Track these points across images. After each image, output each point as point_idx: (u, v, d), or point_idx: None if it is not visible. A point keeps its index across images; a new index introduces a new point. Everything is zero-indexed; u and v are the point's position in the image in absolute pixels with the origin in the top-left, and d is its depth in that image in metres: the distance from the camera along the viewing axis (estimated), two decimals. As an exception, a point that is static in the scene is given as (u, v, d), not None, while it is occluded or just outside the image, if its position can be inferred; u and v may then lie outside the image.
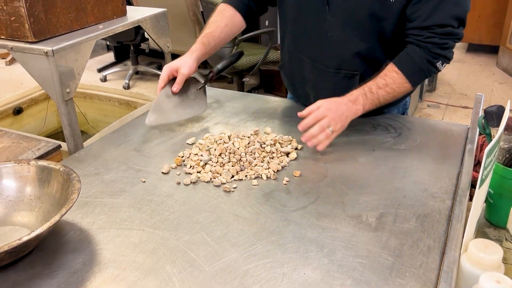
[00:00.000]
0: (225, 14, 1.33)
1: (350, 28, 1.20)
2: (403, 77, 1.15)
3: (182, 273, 0.78)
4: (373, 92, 1.15)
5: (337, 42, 1.23)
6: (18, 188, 0.93)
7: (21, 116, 2.39)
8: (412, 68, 1.16)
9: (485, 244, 0.67)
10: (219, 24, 1.31)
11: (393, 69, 1.16)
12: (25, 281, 0.77)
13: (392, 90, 1.16)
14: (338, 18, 1.19)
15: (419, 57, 1.15)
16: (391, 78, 1.16)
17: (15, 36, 1.50)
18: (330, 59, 1.26)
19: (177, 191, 1.00)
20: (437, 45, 1.14)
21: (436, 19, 1.12)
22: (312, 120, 1.08)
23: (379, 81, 1.16)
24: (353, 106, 1.13)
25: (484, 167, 0.67)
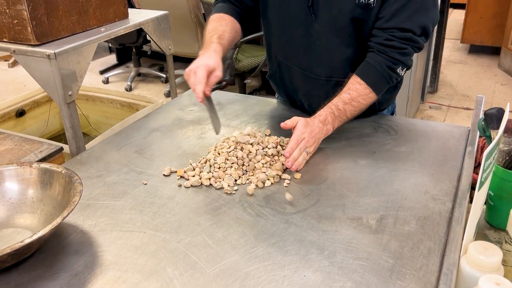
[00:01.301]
0: (226, 20, 1.29)
1: (336, 35, 1.20)
2: (367, 87, 1.16)
3: (183, 275, 0.78)
4: (340, 109, 1.16)
5: (326, 50, 1.23)
6: (21, 191, 0.94)
7: (24, 118, 2.40)
8: (374, 76, 1.16)
9: (485, 246, 0.67)
10: (225, 29, 1.26)
11: (356, 80, 1.17)
12: (27, 283, 0.78)
13: (358, 103, 1.16)
14: (325, 26, 1.19)
15: (379, 65, 1.15)
16: (355, 90, 1.16)
17: (17, 39, 1.51)
18: (320, 67, 1.26)
19: (178, 194, 1.01)
20: (396, 50, 1.14)
21: (397, 22, 1.12)
22: (295, 144, 1.08)
23: (345, 96, 1.16)
24: (323, 127, 1.14)
25: (483, 169, 0.68)
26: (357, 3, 1.13)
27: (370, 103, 1.19)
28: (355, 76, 1.18)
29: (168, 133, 1.28)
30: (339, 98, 1.17)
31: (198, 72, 1.08)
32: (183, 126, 1.31)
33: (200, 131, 1.28)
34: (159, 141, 1.23)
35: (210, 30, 1.25)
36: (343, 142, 1.20)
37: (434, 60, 3.65)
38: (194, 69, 1.10)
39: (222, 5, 1.33)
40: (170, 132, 1.28)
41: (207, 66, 1.10)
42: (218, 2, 1.36)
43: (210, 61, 1.11)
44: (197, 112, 1.40)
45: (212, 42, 1.19)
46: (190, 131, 1.28)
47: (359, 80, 1.17)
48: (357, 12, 1.14)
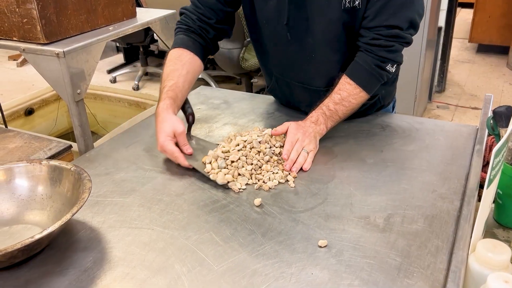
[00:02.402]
0: (183, 60, 1.20)
1: (330, 45, 1.20)
2: (357, 87, 1.15)
3: (191, 272, 0.79)
4: (331, 109, 1.16)
5: (322, 62, 1.23)
6: (30, 187, 0.94)
7: (33, 117, 2.42)
8: (363, 76, 1.16)
9: (494, 244, 0.67)
10: (181, 73, 1.17)
11: (346, 80, 1.17)
12: (37, 279, 0.79)
13: (349, 103, 1.16)
14: (318, 39, 1.19)
15: (368, 64, 1.15)
16: (345, 91, 1.16)
17: (27, 38, 1.53)
18: (319, 79, 1.26)
19: (186, 191, 1.01)
20: (383, 48, 1.13)
21: (382, 20, 1.11)
22: (290, 146, 1.08)
23: (335, 97, 1.16)
24: (316, 127, 1.14)
25: (492, 167, 0.68)
26: (343, 9, 1.12)
27: (361, 102, 1.18)
28: (345, 77, 1.17)
29: (176, 131, 1.28)
30: (330, 98, 1.17)
31: (167, 148, 1.06)
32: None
33: (207, 129, 1.29)
34: (167, 139, 1.24)
35: (165, 77, 1.18)
36: (350, 141, 1.20)
37: (441, 59, 3.63)
38: (160, 146, 1.07)
39: (182, 38, 1.23)
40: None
41: (170, 138, 1.07)
42: (179, 31, 1.26)
43: (168, 129, 1.07)
44: (204, 110, 1.41)
45: (163, 99, 1.13)
46: (197, 129, 1.29)
47: (348, 81, 1.16)
48: (345, 18, 1.14)
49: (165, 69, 1.19)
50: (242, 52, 3.28)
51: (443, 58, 3.64)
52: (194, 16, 1.24)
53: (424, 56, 2.87)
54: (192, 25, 1.24)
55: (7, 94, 3.90)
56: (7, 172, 0.95)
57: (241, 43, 3.25)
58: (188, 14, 1.26)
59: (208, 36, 1.26)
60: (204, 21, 1.24)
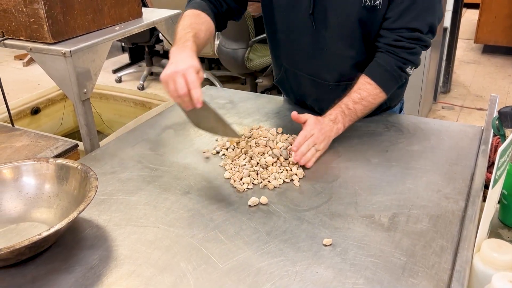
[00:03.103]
0: (202, 19, 1.18)
1: (344, 40, 1.20)
2: (377, 87, 1.16)
3: (196, 270, 0.79)
4: (351, 108, 1.16)
5: (334, 55, 1.23)
6: (37, 186, 0.95)
7: (39, 116, 2.43)
8: (384, 77, 1.16)
9: (498, 244, 0.67)
10: (201, 27, 1.14)
11: (366, 80, 1.17)
12: (44, 276, 0.79)
13: (368, 102, 1.17)
14: (332, 32, 1.19)
15: (389, 65, 1.15)
16: (365, 90, 1.16)
17: (34, 37, 1.53)
18: (329, 73, 1.26)
19: (191, 190, 1.02)
20: (405, 50, 1.14)
21: (404, 22, 1.12)
22: (303, 139, 1.08)
23: (355, 96, 1.16)
24: (334, 126, 1.14)
25: (497, 167, 0.68)
26: (363, 6, 1.13)
27: (380, 102, 1.19)
28: (364, 76, 1.18)
29: (181, 131, 1.29)
30: (349, 97, 1.17)
31: (189, 76, 0.94)
32: (196, 123, 1.32)
33: (212, 128, 1.29)
34: (172, 139, 1.25)
35: (186, 26, 1.12)
36: (355, 140, 1.20)
37: (447, 60, 3.62)
38: (180, 71, 0.95)
39: (199, 3, 1.22)
40: (183, 129, 1.29)
41: (195, 68, 0.97)
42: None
43: (194, 62, 0.98)
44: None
45: (187, 40, 1.06)
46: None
47: (369, 80, 1.17)
48: (363, 15, 1.14)
49: (182, 22, 1.14)
50: (247, 52, 3.29)
51: (449, 59, 3.63)
52: None
53: (429, 57, 2.86)
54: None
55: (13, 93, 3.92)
56: (15, 170, 0.96)
57: (246, 43, 3.25)
58: None
59: (221, 9, 1.25)
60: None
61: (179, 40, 1.07)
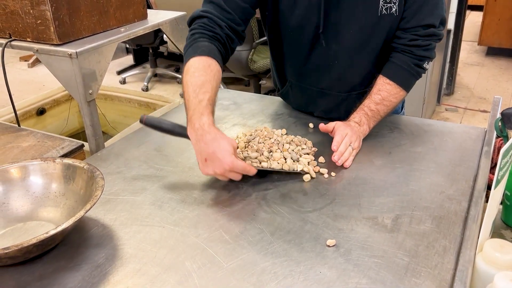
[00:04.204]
0: (213, 71, 1.08)
1: (358, 52, 1.20)
2: (397, 86, 1.18)
3: (201, 269, 0.80)
4: (373, 109, 1.17)
5: (345, 67, 1.23)
6: (44, 185, 0.96)
7: (44, 116, 2.45)
8: (403, 76, 1.18)
9: (501, 243, 0.68)
10: (213, 85, 1.05)
11: (385, 81, 1.18)
12: (51, 274, 0.80)
13: (390, 102, 1.18)
14: (344, 45, 1.19)
15: (406, 64, 1.17)
16: (385, 91, 1.17)
17: (40, 38, 1.55)
18: (341, 84, 1.26)
19: (196, 190, 1.03)
20: (421, 47, 1.16)
21: (419, 20, 1.14)
22: (340, 138, 1.10)
23: (376, 98, 1.18)
24: (360, 128, 1.16)
25: (500, 167, 0.68)
26: (379, 15, 1.14)
27: (401, 100, 1.21)
28: (383, 77, 1.19)
29: (186, 132, 1.29)
30: (370, 100, 1.18)
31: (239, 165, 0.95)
32: (200, 124, 1.33)
33: (217, 129, 1.30)
34: (177, 139, 1.25)
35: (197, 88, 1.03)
36: (359, 142, 1.20)
37: (450, 62, 3.62)
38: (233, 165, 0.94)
39: (209, 46, 1.10)
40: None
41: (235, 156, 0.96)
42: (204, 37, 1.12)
43: (229, 147, 0.95)
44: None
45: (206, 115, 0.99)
46: (207, 129, 1.30)
47: (388, 81, 1.18)
48: (379, 23, 1.15)
49: (195, 78, 1.05)
50: (251, 54, 3.30)
51: (452, 61, 3.63)
52: (223, 23, 1.13)
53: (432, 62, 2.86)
54: (219, 33, 1.13)
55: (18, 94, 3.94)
56: (22, 170, 0.97)
57: (250, 45, 3.26)
58: (214, 19, 1.13)
59: (231, 45, 1.18)
60: (233, 29, 1.15)
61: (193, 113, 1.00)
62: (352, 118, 1.17)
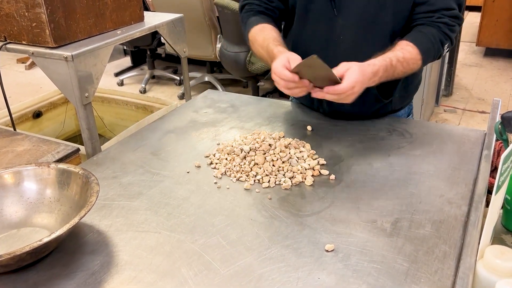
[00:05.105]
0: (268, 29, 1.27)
1: (362, 28, 1.20)
2: (418, 53, 1.15)
3: (197, 276, 0.79)
4: (393, 65, 1.12)
5: (350, 44, 1.23)
6: (39, 191, 0.95)
7: (40, 119, 2.44)
8: (426, 45, 1.16)
9: (502, 250, 0.66)
10: (274, 34, 1.24)
11: (409, 44, 1.15)
12: (45, 282, 0.79)
13: (407, 65, 1.14)
14: (349, 19, 1.20)
15: (433, 36, 1.16)
16: (408, 52, 1.14)
17: (36, 41, 1.54)
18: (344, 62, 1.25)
19: (193, 195, 1.01)
20: (447, 26, 1.17)
21: (442, 3, 1.16)
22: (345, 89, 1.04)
23: (398, 54, 1.13)
24: (372, 78, 1.09)
25: (500, 173, 0.67)
26: None
27: (414, 70, 1.18)
28: (406, 42, 1.15)
29: (183, 135, 1.29)
30: (393, 53, 1.13)
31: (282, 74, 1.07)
32: (197, 128, 1.32)
33: (214, 133, 1.29)
34: (174, 143, 1.25)
35: (262, 43, 1.23)
36: (357, 145, 1.20)
37: (449, 63, 3.62)
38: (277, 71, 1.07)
39: (255, 18, 1.32)
40: (184, 134, 1.29)
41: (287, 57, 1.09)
42: (249, 15, 1.34)
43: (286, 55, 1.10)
44: (212, 114, 1.41)
45: (273, 50, 1.17)
46: (204, 133, 1.29)
47: (412, 45, 1.15)
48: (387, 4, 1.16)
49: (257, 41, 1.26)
50: (249, 55, 3.29)
51: (451, 62, 3.63)
52: (256, 1, 1.34)
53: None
54: (258, 9, 1.34)
55: (15, 96, 3.93)
56: (16, 175, 0.96)
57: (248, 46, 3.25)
58: (250, 2, 1.36)
59: (274, 15, 1.34)
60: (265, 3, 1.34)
61: (269, 57, 1.19)
62: (371, 64, 1.09)
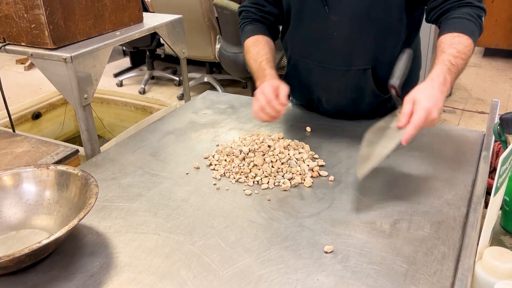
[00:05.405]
0: (262, 42, 1.31)
1: (355, 24, 1.20)
2: (468, 38, 1.09)
3: (197, 277, 0.79)
4: (454, 63, 1.06)
5: (344, 40, 1.23)
6: (38, 192, 0.95)
7: (40, 120, 2.44)
8: (469, 25, 1.11)
9: (500, 252, 0.67)
10: (266, 51, 1.28)
11: (453, 35, 1.10)
12: (44, 284, 0.79)
13: (465, 55, 1.08)
14: (342, 16, 1.20)
15: (468, 14, 1.11)
16: (459, 43, 1.08)
17: (35, 43, 1.54)
18: (339, 58, 1.26)
19: (192, 196, 1.01)
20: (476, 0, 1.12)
21: None
22: (415, 130, 0.92)
23: (452, 51, 1.07)
24: (444, 89, 0.99)
25: (499, 174, 0.67)
26: None
27: (471, 54, 1.11)
28: (449, 34, 1.10)
29: (182, 136, 1.29)
30: (448, 54, 1.07)
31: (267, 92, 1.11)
32: (196, 129, 1.32)
33: (213, 134, 1.29)
34: (173, 144, 1.25)
35: (255, 57, 1.27)
36: (356, 146, 1.19)
37: (448, 63, 3.61)
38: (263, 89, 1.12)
39: (251, 28, 1.35)
40: (184, 135, 1.29)
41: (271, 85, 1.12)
42: (245, 24, 1.37)
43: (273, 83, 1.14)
44: (211, 115, 1.41)
45: (268, 68, 1.22)
46: (203, 134, 1.29)
47: (456, 34, 1.09)
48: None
49: (251, 53, 1.30)
50: (248, 56, 3.28)
51: (450, 62, 3.63)
52: (253, 9, 1.37)
53: (430, 60, 2.86)
54: (254, 17, 1.37)
55: (14, 97, 3.93)
56: (15, 177, 0.96)
57: (247, 47, 3.25)
58: (246, 9, 1.39)
59: (270, 22, 1.37)
60: (262, 11, 1.37)
61: (257, 74, 1.24)
62: (435, 77, 1.00)
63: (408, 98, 0.97)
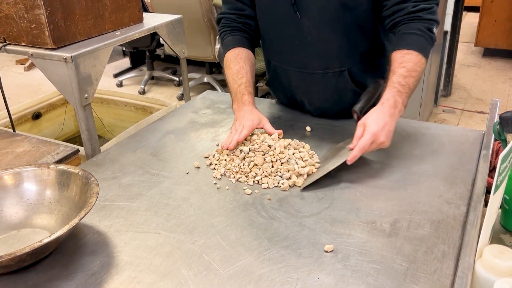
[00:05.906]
0: (243, 57, 1.30)
1: (327, 27, 1.21)
2: (417, 54, 1.11)
3: (197, 276, 0.79)
4: (403, 84, 1.09)
5: (318, 43, 1.24)
6: (38, 192, 0.95)
7: (40, 120, 2.44)
8: (418, 42, 1.12)
9: (500, 250, 0.67)
10: (247, 69, 1.27)
11: (403, 53, 1.12)
12: (45, 283, 0.79)
13: (416, 72, 1.10)
14: (314, 20, 1.21)
15: (418, 29, 1.12)
16: (408, 61, 1.10)
17: (35, 43, 1.54)
18: (316, 61, 1.27)
19: (192, 195, 1.02)
20: (426, 11, 1.13)
21: None
22: (360, 152, 1.02)
23: (401, 71, 1.10)
24: (395, 112, 1.06)
25: (499, 172, 0.68)
26: None
27: (424, 69, 1.14)
28: (399, 51, 1.12)
29: (182, 136, 1.29)
30: (396, 75, 1.10)
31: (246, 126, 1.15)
32: (196, 128, 1.33)
33: (213, 133, 1.29)
34: (173, 144, 1.25)
35: (234, 75, 1.26)
36: (356, 145, 1.20)
37: (447, 63, 3.62)
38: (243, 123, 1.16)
39: (232, 39, 1.32)
40: (184, 134, 1.30)
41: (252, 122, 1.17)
42: (226, 33, 1.34)
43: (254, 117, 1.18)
44: (211, 115, 1.41)
45: (246, 94, 1.23)
46: (203, 133, 1.30)
47: (406, 51, 1.11)
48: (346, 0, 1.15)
49: (231, 69, 1.28)
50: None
51: (449, 62, 3.63)
52: (233, 16, 1.33)
53: (430, 60, 2.86)
54: (234, 25, 1.33)
55: (14, 97, 3.93)
56: (16, 176, 0.96)
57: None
58: (226, 16, 1.35)
59: (251, 28, 1.34)
60: (242, 15, 1.33)
61: (236, 95, 1.24)
62: (385, 100, 1.06)
63: (360, 122, 1.06)
